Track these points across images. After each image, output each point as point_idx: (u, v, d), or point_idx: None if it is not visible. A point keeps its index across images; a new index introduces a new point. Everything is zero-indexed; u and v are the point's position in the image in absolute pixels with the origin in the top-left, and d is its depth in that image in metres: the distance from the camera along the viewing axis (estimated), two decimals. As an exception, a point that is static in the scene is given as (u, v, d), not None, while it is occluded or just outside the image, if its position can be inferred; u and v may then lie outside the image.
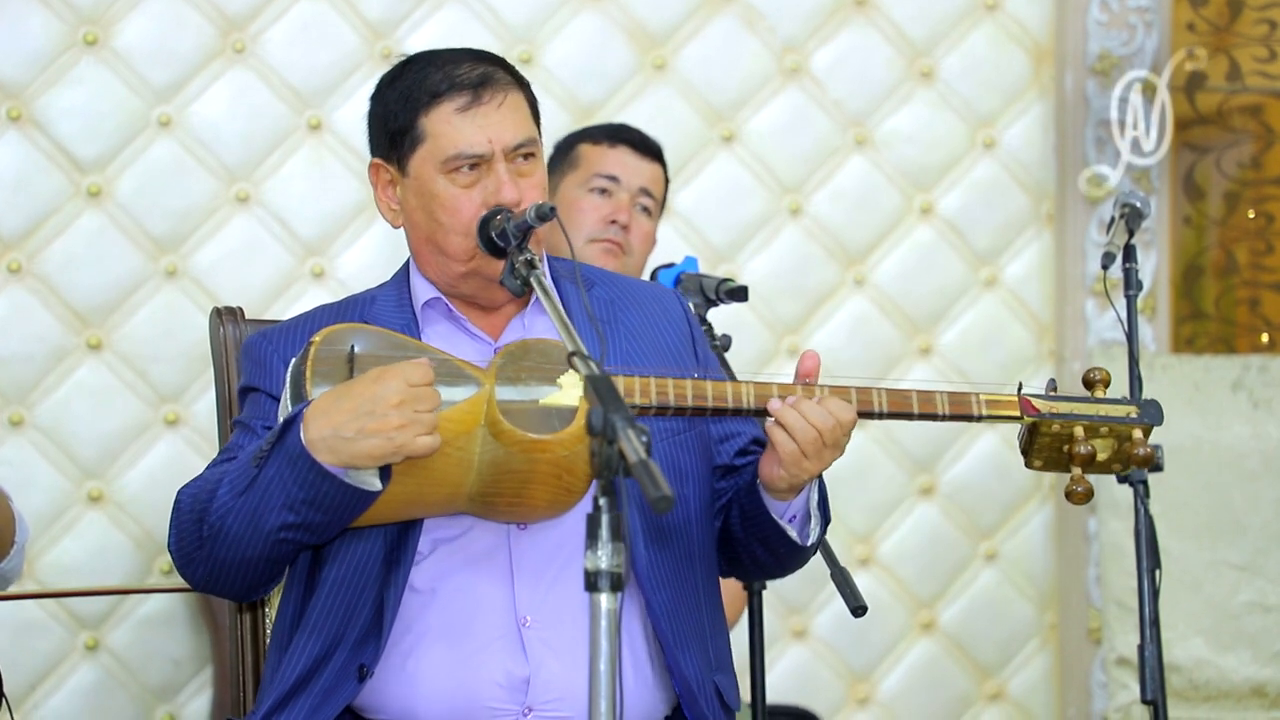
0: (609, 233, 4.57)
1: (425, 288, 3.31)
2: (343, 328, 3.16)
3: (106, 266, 5.32)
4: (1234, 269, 5.77)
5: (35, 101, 5.30)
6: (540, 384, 3.09)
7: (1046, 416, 3.19)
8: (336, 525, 3.08)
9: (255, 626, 3.49)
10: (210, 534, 3.10)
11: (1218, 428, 5.54)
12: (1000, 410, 3.20)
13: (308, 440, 3.00)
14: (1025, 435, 3.23)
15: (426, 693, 3.15)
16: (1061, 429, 3.20)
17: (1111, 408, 3.22)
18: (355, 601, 3.17)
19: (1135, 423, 3.21)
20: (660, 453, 3.20)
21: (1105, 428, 3.20)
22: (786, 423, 3.10)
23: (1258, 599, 5.47)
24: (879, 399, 3.16)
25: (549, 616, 3.16)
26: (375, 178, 3.34)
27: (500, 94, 3.26)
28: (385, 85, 3.33)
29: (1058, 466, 3.23)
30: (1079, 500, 3.17)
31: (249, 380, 3.30)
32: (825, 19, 5.64)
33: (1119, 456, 3.22)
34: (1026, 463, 3.25)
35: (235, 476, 3.10)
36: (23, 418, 5.27)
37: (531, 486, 3.07)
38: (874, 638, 5.62)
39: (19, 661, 5.21)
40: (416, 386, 3.00)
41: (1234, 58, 5.77)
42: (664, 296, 3.43)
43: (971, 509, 5.64)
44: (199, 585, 3.19)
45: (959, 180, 5.69)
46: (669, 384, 3.10)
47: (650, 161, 4.68)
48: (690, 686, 3.21)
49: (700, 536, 3.29)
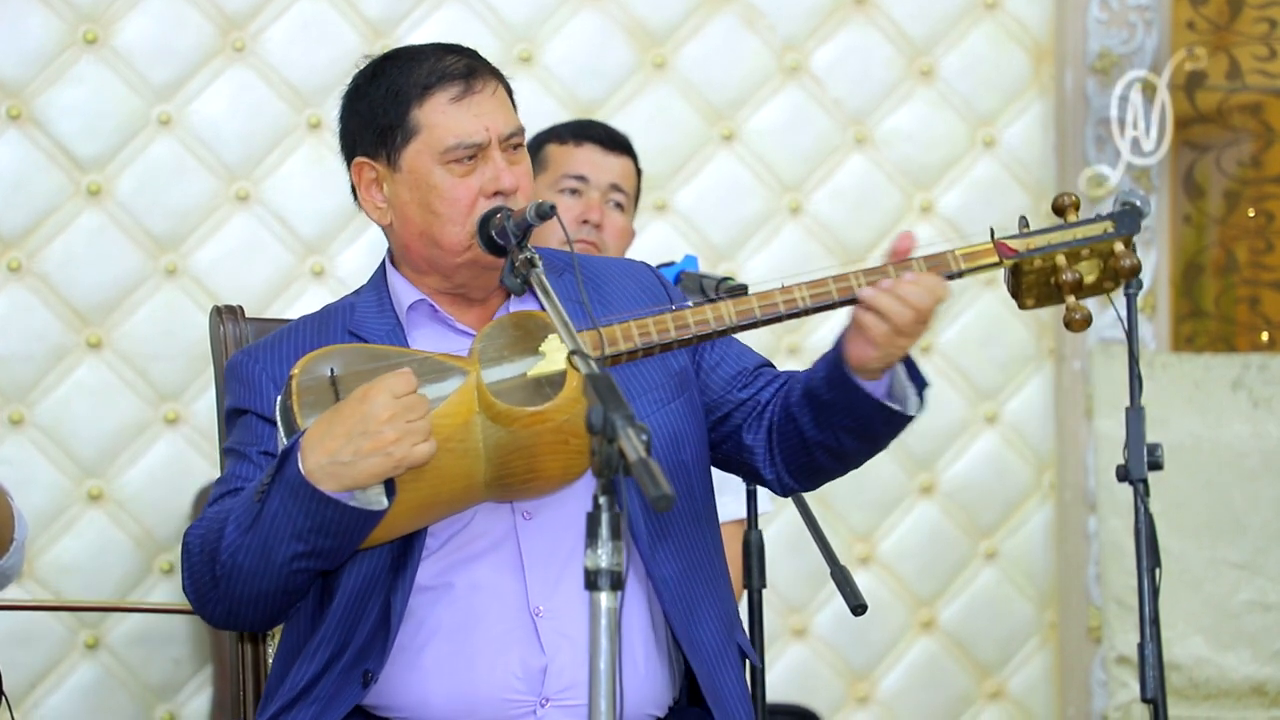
0: (582, 233, 4.56)
1: (407, 290, 3.30)
2: (318, 354, 3.14)
3: (106, 265, 5.32)
4: (1234, 267, 5.77)
5: (35, 100, 5.31)
6: (524, 357, 3.09)
7: (1025, 255, 3.17)
8: (349, 547, 3.08)
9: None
10: (224, 573, 3.10)
11: (1218, 426, 5.54)
12: (978, 261, 3.19)
13: (306, 471, 3.00)
14: (1010, 278, 3.21)
15: (441, 688, 3.15)
16: (1044, 262, 3.17)
17: (1087, 229, 3.19)
18: (362, 610, 3.17)
19: (1114, 236, 3.19)
20: (654, 422, 3.20)
21: (1086, 250, 3.18)
22: (881, 308, 3.10)
23: (1258, 598, 5.47)
24: (857, 280, 3.15)
25: (561, 606, 3.16)
26: (358, 177, 3.33)
27: (489, 83, 3.27)
28: (364, 84, 3.34)
29: (1050, 300, 3.21)
30: (1079, 327, 3.16)
31: (238, 402, 3.27)
32: (825, 18, 5.64)
33: (1107, 274, 3.19)
34: (1020, 304, 3.23)
35: (240, 514, 3.09)
36: (23, 416, 5.27)
37: (541, 459, 3.07)
38: (874, 636, 5.62)
39: (19, 660, 5.21)
40: (402, 397, 3.00)
41: (1234, 56, 5.77)
42: (634, 267, 3.44)
43: (971, 507, 5.64)
44: (218, 623, 3.19)
45: (959, 179, 5.70)
46: (649, 323, 3.11)
47: (618, 156, 4.65)
48: (709, 657, 3.21)
49: (702, 499, 3.30)
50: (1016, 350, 5.71)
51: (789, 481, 3.33)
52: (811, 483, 3.36)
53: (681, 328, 3.13)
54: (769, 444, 3.31)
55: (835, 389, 3.18)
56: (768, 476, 3.33)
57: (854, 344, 3.15)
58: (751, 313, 3.16)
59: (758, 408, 3.32)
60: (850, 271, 3.17)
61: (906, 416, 3.21)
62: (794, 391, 3.27)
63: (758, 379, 3.34)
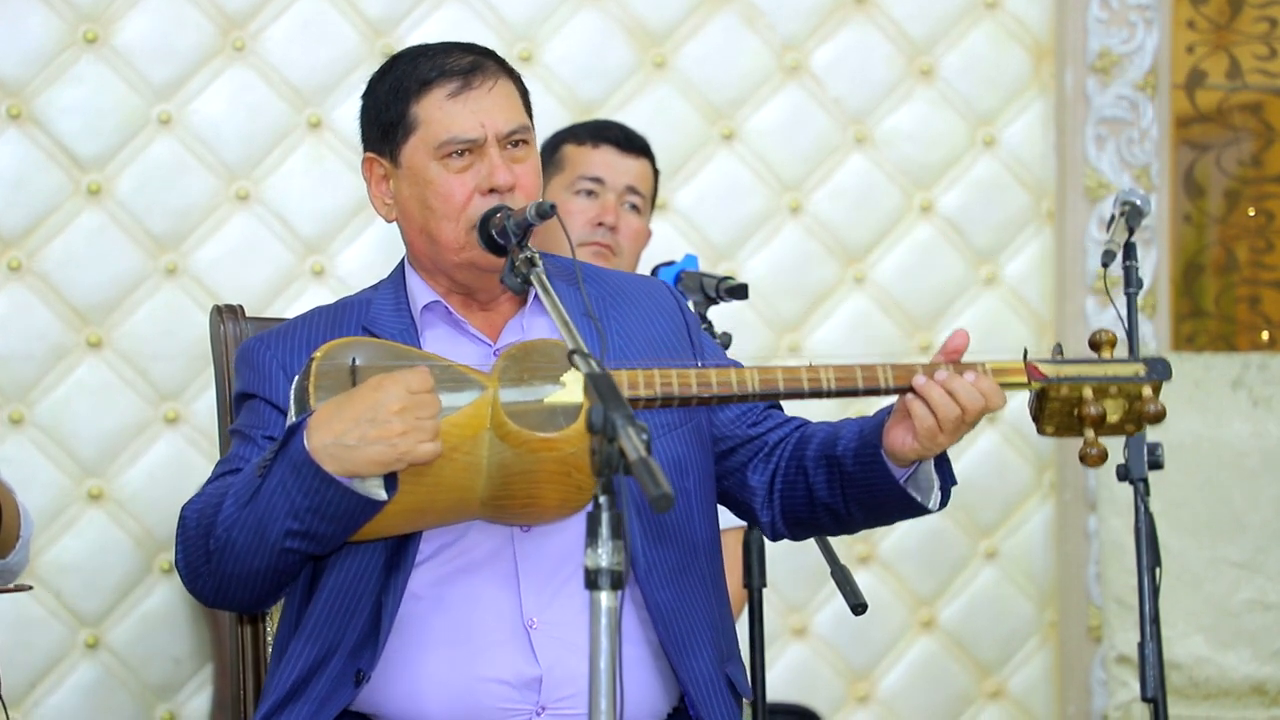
0: (597, 235, 4.54)
1: (423, 290, 3.31)
2: (343, 342, 3.14)
3: (106, 264, 5.32)
4: (1234, 267, 5.77)
5: (35, 99, 5.30)
6: (544, 384, 3.08)
7: (1053, 380, 3.18)
8: (342, 535, 3.07)
9: (255, 624, 3.49)
10: (217, 547, 3.09)
11: (1218, 425, 5.54)
12: (1007, 378, 3.19)
13: (311, 449, 2.99)
14: (1035, 401, 3.22)
15: (436, 696, 3.14)
16: (1070, 392, 3.18)
17: (1119, 367, 3.19)
18: (353, 608, 3.16)
19: (1144, 380, 3.19)
20: (659, 447, 3.20)
21: (1114, 387, 3.18)
22: (931, 399, 3.11)
23: (1258, 597, 5.47)
24: (884, 375, 3.15)
25: (556, 617, 3.15)
26: (369, 173, 3.33)
27: (490, 80, 3.27)
28: (376, 81, 3.34)
29: (1070, 431, 3.21)
30: (1094, 463, 3.16)
31: (246, 386, 3.28)
32: (825, 17, 5.64)
33: (1130, 416, 3.20)
34: (1039, 429, 3.23)
35: (240, 489, 3.08)
36: (23, 416, 5.27)
37: (541, 486, 3.06)
38: (874, 636, 5.62)
39: (19, 659, 5.21)
40: (417, 393, 2.99)
41: (1234, 55, 5.77)
42: (655, 289, 3.43)
43: (971, 507, 5.64)
44: (207, 600, 3.18)
45: (959, 178, 5.69)
46: (673, 375, 3.10)
47: (635, 158, 4.63)
48: (700, 685, 3.21)
49: (703, 528, 3.29)
50: (1017, 350, 5.68)
51: (782, 529, 3.36)
52: (803, 535, 3.40)
53: (704, 385, 3.12)
54: (770, 489, 3.33)
55: (862, 465, 3.21)
56: (763, 520, 3.35)
57: (895, 429, 3.16)
58: (775, 384, 3.15)
59: (764, 448, 3.34)
60: (879, 365, 3.17)
61: (924, 508, 3.23)
62: (810, 446, 3.29)
63: (767, 418, 3.35)
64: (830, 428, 3.30)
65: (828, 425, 3.32)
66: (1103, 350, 3.23)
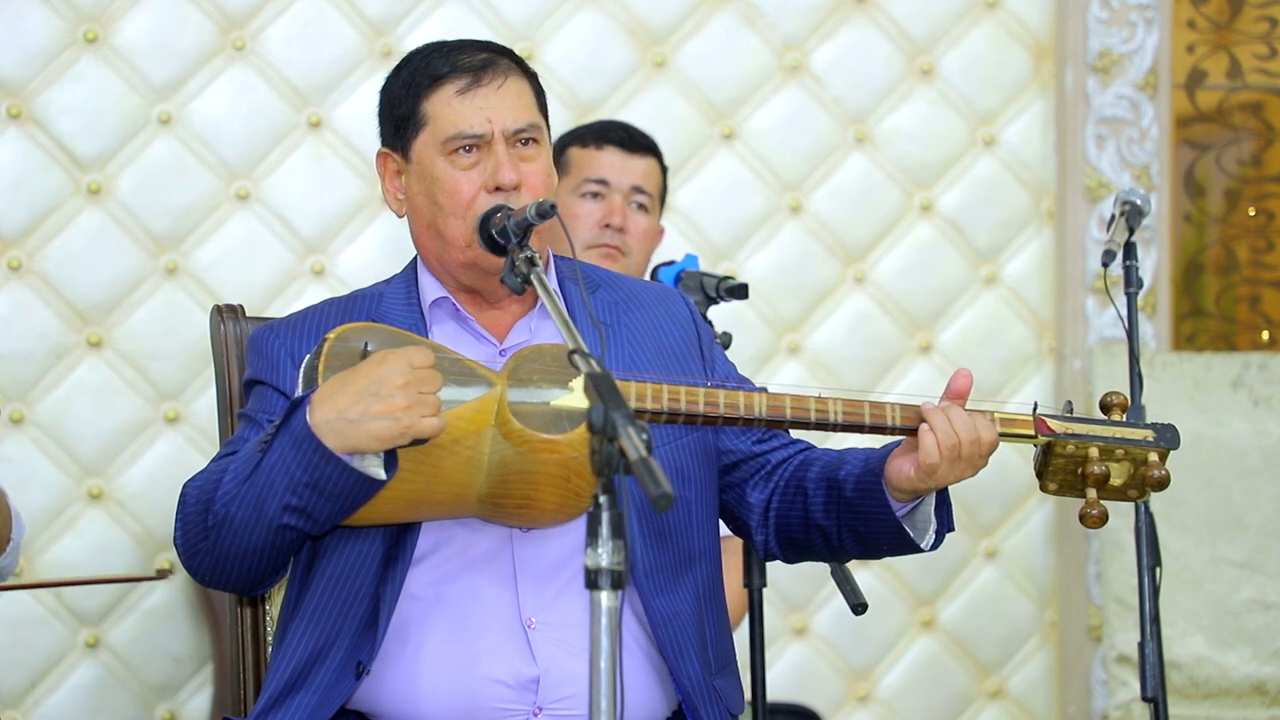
0: (604, 237, 4.54)
1: (432, 286, 3.32)
2: (356, 326, 3.16)
3: (107, 264, 5.32)
4: (1234, 266, 5.77)
5: (35, 99, 5.31)
6: (551, 387, 3.09)
7: (1061, 436, 3.18)
8: (339, 514, 3.06)
9: (256, 623, 3.48)
10: (215, 523, 3.09)
11: (1218, 425, 5.54)
12: (1014, 429, 3.19)
13: (313, 424, 2.99)
14: (1040, 456, 3.22)
15: (431, 694, 3.14)
16: (1076, 450, 3.18)
17: (1128, 430, 3.21)
18: (351, 598, 3.16)
19: (1152, 446, 3.20)
20: (663, 456, 3.20)
21: (1121, 450, 3.19)
22: (934, 424, 3.11)
23: (1258, 596, 5.47)
24: (892, 413, 3.16)
25: (555, 618, 3.15)
26: (383, 168, 3.35)
27: (500, 77, 3.27)
28: (392, 76, 3.36)
29: (1073, 491, 3.22)
30: (1093, 524, 3.16)
31: (254, 374, 3.29)
32: (825, 16, 5.64)
33: (1134, 481, 3.21)
34: (1041, 485, 3.23)
35: (240, 464, 3.09)
36: (23, 415, 5.27)
37: (540, 489, 3.07)
38: (874, 635, 5.62)
39: (19, 658, 5.21)
40: (419, 369, 3.00)
41: (1234, 55, 5.77)
42: (668, 297, 3.43)
43: (972, 506, 5.64)
44: (203, 578, 3.18)
45: (959, 178, 5.69)
46: (680, 391, 3.10)
47: (641, 157, 4.62)
48: (690, 692, 3.21)
49: (702, 539, 3.29)
50: (1017, 350, 5.71)
51: (775, 549, 3.37)
52: (794, 558, 3.40)
53: (711, 405, 3.12)
54: (767, 508, 3.34)
55: (862, 492, 3.22)
56: (757, 538, 3.36)
57: (898, 459, 3.17)
58: (782, 412, 3.15)
59: (767, 466, 3.35)
60: (887, 403, 3.18)
61: (916, 546, 3.24)
62: (812, 469, 3.30)
63: (773, 438, 3.36)
64: (835, 454, 3.31)
65: (833, 451, 3.34)
66: (1112, 412, 3.24)
